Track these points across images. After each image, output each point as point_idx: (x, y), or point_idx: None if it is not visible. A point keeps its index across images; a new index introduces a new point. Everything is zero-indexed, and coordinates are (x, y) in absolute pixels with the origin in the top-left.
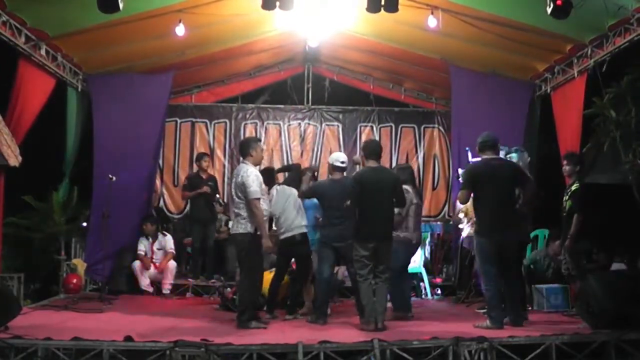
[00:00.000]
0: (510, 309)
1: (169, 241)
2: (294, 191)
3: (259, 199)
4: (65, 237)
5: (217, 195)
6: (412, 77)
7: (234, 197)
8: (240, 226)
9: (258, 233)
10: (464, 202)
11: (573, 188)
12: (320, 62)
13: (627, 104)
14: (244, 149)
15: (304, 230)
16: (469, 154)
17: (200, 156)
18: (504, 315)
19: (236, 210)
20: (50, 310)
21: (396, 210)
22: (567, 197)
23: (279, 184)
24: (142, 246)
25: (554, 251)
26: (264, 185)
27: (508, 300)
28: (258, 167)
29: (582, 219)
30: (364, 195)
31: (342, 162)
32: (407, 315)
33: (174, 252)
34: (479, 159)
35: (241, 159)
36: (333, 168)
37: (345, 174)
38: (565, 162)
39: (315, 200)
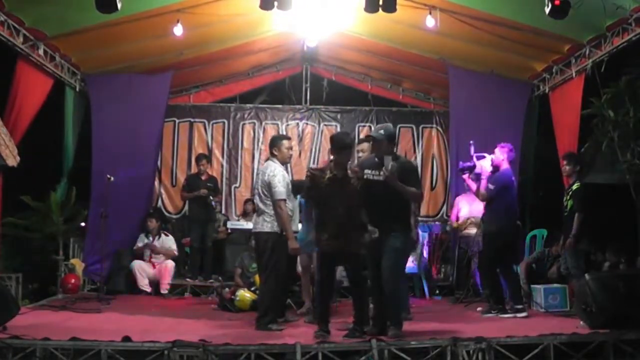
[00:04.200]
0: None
1: (170, 241)
2: None
3: (284, 200)
4: (63, 237)
5: (211, 198)
6: (410, 77)
7: (260, 194)
8: (266, 224)
9: (284, 233)
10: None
11: (574, 188)
12: (319, 62)
13: (625, 104)
14: (270, 147)
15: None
16: (472, 148)
17: (198, 158)
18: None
19: (262, 208)
20: (49, 310)
21: None
22: (568, 196)
23: None
24: (141, 242)
25: (557, 251)
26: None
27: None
28: (287, 164)
29: (584, 219)
30: None
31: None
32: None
33: (176, 252)
34: (481, 154)
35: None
36: None
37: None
38: (565, 162)
39: None
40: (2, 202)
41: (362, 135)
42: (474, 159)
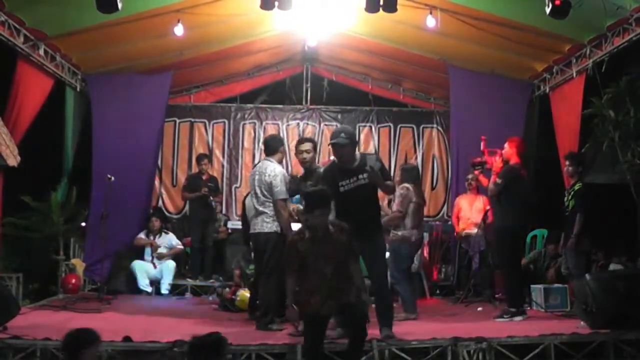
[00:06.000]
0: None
1: (172, 239)
2: None
3: (285, 199)
4: (64, 237)
5: (211, 198)
6: (411, 77)
7: (258, 194)
8: (266, 225)
9: (283, 232)
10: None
11: (576, 188)
12: (319, 62)
13: (625, 104)
14: (272, 146)
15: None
16: (483, 143)
17: (199, 158)
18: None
19: (260, 209)
20: (49, 310)
21: (395, 208)
22: (569, 197)
23: None
24: (143, 234)
25: (554, 250)
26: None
27: None
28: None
29: (585, 219)
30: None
31: None
32: (414, 316)
33: (181, 246)
34: (493, 149)
35: (264, 156)
36: None
37: None
38: (567, 163)
39: None
40: (2, 202)
41: (362, 136)
42: (486, 154)
